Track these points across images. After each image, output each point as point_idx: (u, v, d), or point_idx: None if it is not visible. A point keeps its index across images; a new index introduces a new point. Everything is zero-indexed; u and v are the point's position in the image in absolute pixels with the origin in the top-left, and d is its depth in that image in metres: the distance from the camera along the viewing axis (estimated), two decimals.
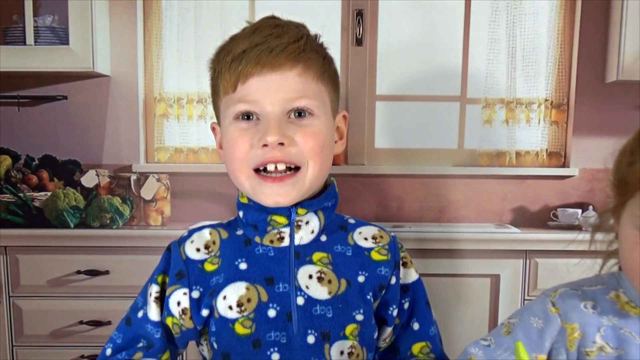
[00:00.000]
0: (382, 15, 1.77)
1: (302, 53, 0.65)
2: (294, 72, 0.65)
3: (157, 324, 0.70)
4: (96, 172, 1.72)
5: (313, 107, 0.66)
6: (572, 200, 1.75)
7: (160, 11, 1.77)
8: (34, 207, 1.68)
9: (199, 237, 0.73)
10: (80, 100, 1.76)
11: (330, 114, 0.70)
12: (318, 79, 0.67)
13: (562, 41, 1.75)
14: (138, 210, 1.72)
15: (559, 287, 0.68)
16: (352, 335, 0.68)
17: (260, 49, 0.64)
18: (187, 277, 0.69)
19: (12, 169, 1.73)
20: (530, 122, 1.79)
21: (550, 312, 0.65)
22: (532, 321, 0.65)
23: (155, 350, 0.70)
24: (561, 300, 0.65)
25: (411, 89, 1.81)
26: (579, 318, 0.63)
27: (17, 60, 1.62)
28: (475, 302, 1.61)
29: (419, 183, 1.79)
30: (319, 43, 0.70)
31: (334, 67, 0.71)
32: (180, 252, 0.72)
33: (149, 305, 0.70)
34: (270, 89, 0.64)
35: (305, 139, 0.65)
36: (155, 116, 1.80)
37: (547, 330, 0.64)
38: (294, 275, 0.68)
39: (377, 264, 0.71)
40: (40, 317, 1.62)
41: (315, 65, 0.67)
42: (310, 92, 0.66)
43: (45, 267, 1.62)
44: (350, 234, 0.73)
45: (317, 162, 0.66)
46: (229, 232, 0.72)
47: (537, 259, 1.61)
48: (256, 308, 0.66)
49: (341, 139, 0.74)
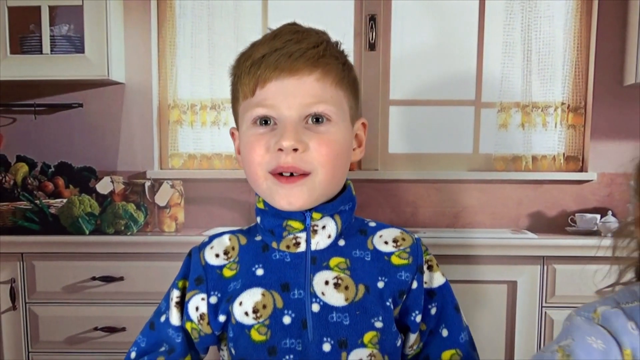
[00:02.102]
0: (395, 19, 1.77)
1: (321, 59, 0.65)
2: (312, 77, 0.65)
3: (178, 328, 0.71)
4: (111, 178, 1.73)
5: (330, 112, 0.66)
6: (590, 205, 1.72)
7: (174, 19, 1.78)
8: (49, 214, 1.69)
9: (219, 243, 0.72)
10: (95, 108, 1.77)
11: (349, 121, 0.70)
12: (337, 84, 0.67)
13: (578, 43, 1.73)
14: (152, 216, 1.73)
15: (596, 306, 0.59)
16: (372, 343, 0.66)
17: (280, 53, 0.64)
18: (206, 282, 0.70)
19: (28, 176, 1.75)
20: (546, 126, 1.76)
21: (605, 333, 0.56)
22: (590, 341, 0.55)
23: (177, 354, 0.70)
24: (608, 322, 0.57)
25: (425, 93, 1.80)
26: (631, 342, 0.55)
27: (34, 69, 1.65)
28: (491, 309, 1.58)
29: (434, 188, 1.77)
30: (339, 50, 0.70)
31: (353, 74, 0.71)
32: (200, 258, 0.72)
33: (171, 310, 0.71)
34: (288, 94, 0.64)
35: (320, 146, 0.65)
36: (169, 123, 1.81)
37: (609, 353, 0.55)
38: (310, 281, 0.67)
39: (397, 269, 0.69)
40: (56, 323, 1.63)
41: (334, 71, 0.66)
42: (328, 98, 0.66)
43: (60, 273, 1.63)
44: (370, 238, 0.72)
45: (328, 170, 0.66)
46: (248, 238, 0.72)
47: (554, 265, 1.58)
48: (271, 314, 0.66)
49: (360, 146, 0.73)
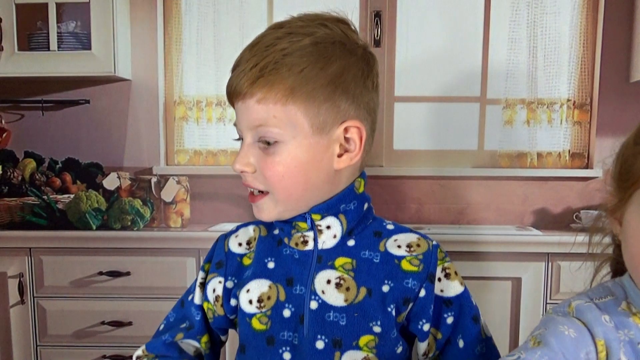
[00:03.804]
0: (401, 16, 1.77)
1: (260, 78, 0.62)
2: (254, 100, 0.63)
3: (199, 307, 0.74)
4: (117, 174, 1.74)
5: (274, 134, 0.64)
6: (595, 202, 1.72)
7: (180, 16, 1.79)
8: (57, 210, 1.71)
9: (244, 232, 0.75)
10: (102, 104, 1.79)
11: (312, 133, 0.65)
12: (286, 100, 0.63)
13: (584, 40, 1.72)
14: (158, 212, 1.74)
15: (570, 301, 0.60)
16: (368, 347, 0.66)
17: (236, 73, 0.64)
18: (225, 267, 0.72)
19: (36, 172, 1.76)
20: (552, 123, 1.76)
21: (578, 324, 0.57)
22: (563, 329, 0.56)
23: (195, 331, 0.73)
24: (581, 314, 0.58)
25: (430, 90, 1.80)
26: (604, 333, 0.56)
27: (41, 65, 1.66)
28: (496, 305, 1.58)
29: (439, 185, 1.77)
30: (308, 51, 0.63)
31: (323, 79, 0.64)
32: (224, 245, 0.74)
33: (195, 289, 0.75)
34: (240, 117, 0.66)
35: (265, 169, 0.65)
36: (175, 119, 1.82)
37: (581, 341, 0.55)
38: (312, 278, 0.68)
39: (406, 275, 0.68)
40: (63, 318, 1.65)
41: (280, 86, 0.62)
42: (271, 118, 0.63)
43: (68, 268, 1.64)
44: (384, 240, 0.70)
45: (279, 190, 0.66)
46: (268, 231, 0.74)
47: (559, 262, 1.58)
48: (274, 306, 0.68)
49: (348, 151, 0.68)
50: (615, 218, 0.60)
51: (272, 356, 0.67)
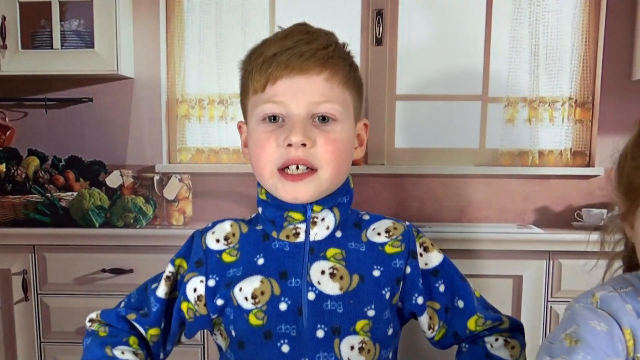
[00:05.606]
0: (402, 14, 1.77)
1: (329, 59, 0.68)
2: (321, 77, 0.68)
3: (159, 300, 0.74)
4: (120, 172, 1.75)
5: (337, 112, 0.69)
6: (597, 201, 1.72)
7: (183, 14, 1.80)
8: (60, 207, 1.72)
9: (220, 228, 0.75)
10: (105, 102, 1.79)
11: (353, 121, 0.72)
12: (344, 85, 0.70)
13: (586, 38, 1.72)
14: (161, 210, 1.75)
15: (594, 292, 0.61)
16: (363, 330, 0.69)
17: (291, 53, 0.67)
18: (205, 265, 0.73)
19: (39, 169, 1.78)
20: (553, 121, 1.76)
21: (605, 315, 0.57)
22: (594, 325, 0.56)
23: (147, 320, 0.73)
24: (607, 305, 0.58)
25: (432, 88, 1.80)
26: (629, 322, 0.57)
27: (45, 63, 1.67)
28: (497, 304, 1.57)
29: (440, 183, 1.78)
30: (347, 51, 0.73)
31: (359, 76, 0.74)
32: (201, 242, 0.75)
33: (160, 281, 0.75)
34: (297, 91, 0.67)
35: (326, 144, 0.68)
36: (177, 117, 1.83)
37: (614, 334, 0.56)
38: (307, 270, 0.69)
39: (392, 257, 0.72)
40: (67, 314, 1.66)
41: (342, 72, 0.69)
42: (335, 97, 0.69)
43: (71, 265, 1.66)
44: (364, 231, 0.74)
45: (333, 167, 0.68)
46: (249, 227, 0.75)
47: (560, 260, 1.58)
48: (269, 301, 0.69)
49: (361, 145, 0.76)
50: (627, 222, 0.63)
51: (271, 350, 0.69)
